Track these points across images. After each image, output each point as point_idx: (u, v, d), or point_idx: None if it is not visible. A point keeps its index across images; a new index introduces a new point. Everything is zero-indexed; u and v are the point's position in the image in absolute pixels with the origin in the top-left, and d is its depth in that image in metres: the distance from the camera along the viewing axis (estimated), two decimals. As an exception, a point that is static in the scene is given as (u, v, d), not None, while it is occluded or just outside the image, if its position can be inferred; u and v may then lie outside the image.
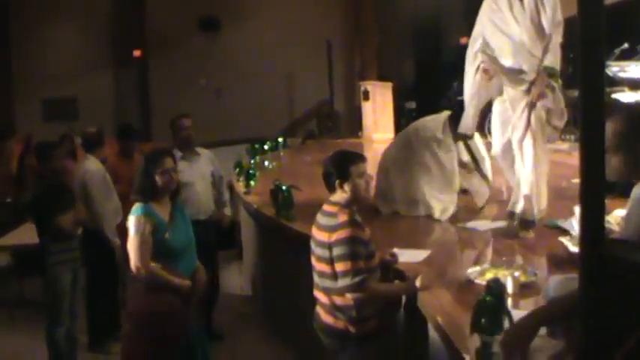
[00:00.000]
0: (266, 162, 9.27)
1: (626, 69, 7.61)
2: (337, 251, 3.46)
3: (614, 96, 7.09)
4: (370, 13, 16.35)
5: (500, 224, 5.09)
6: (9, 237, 7.25)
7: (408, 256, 4.14)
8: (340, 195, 3.62)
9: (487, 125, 5.32)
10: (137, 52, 15.53)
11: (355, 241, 3.46)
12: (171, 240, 3.99)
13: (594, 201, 1.53)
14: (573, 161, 6.56)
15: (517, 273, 3.53)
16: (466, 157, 5.81)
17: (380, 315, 3.63)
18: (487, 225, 5.14)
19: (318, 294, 3.69)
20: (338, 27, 16.54)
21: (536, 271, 3.65)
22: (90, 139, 5.99)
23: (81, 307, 5.67)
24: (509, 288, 3.28)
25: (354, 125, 14.46)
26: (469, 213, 5.54)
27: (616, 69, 7.60)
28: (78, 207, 5.43)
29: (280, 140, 11.33)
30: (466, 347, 2.68)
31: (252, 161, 9.02)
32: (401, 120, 13.01)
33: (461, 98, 5.37)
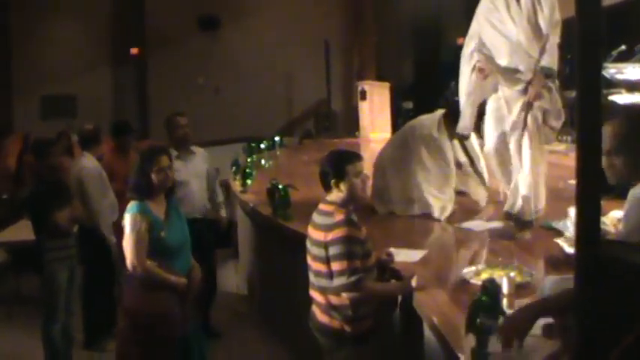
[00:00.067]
0: (263, 161, 9.26)
1: (623, 71, 7.59)
2: (333, 250, 3.46)
3: (611, 98, 7.08)
4: (369, 13, 16.32)
5: (496, 225, 5.09)
6: (6, 233, 7.25)
7: (404, 256, 4.15)
8: (336, 194, 3.61)
9: (482, 125, 5.30)
10: (136, 51, 15.50)
11: (351, 241, 3.46)
12: (167, 238, 3.99)
13: (590, 202, 1.53)
14: (570, 162, 6.55)
15: (513, 273, 3.53)
16: (463, 158, 5.81)
17: (376, 314, 3.64)
18: (483, 225, 5.14)
19: (313, 293, 3.69)
20: (337, 27, 16.52)
21: (532, 272, 3.65)
22: (86, 137, 5.99)
23: (77, 305, 5.67)
24: (504, 288, 3.29)
25: (352, 125, 14.43)
26: (465, 213, 5.55)
27: (613, 71, 7.59)
28: (74, 204, 5.43)
29: (277, 139, 11.32)
30: (461, 347, 2.68)
31: (248, 160, 9.02)
32: (398, 120, 12.99)
33: (458, 98, 5.35)
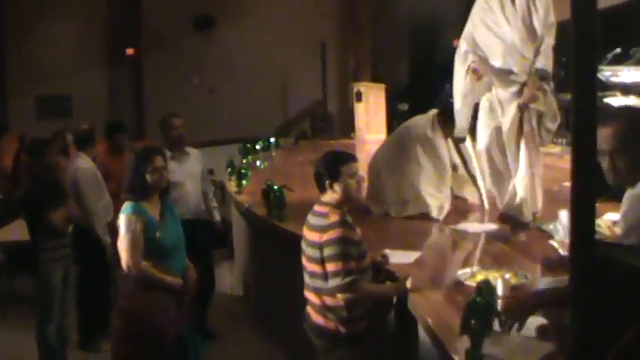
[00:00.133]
0: (258, 162, 9.25)
1: (618, 73, 7.63)
2: (328, 251, 3.46)
3: (606, 100, 7.10)
4: (365, 15, 16.31)
5: (491, 226, 5.10)
6: (0, 233, 7.22)
7: (399, 257, 4.14)
8: (331, 195, 3.61)
9: (475, 125, 5.30)
10: (131, 51, 15.47)
11: (346, 242, 3.46)
12: (161, 238, 3.99)
13: (585, 204, 1.54)
14: (565, 165, 6.57)
15: (508, 275, 3.53)
16: (457, 159, 5.81)
17: (370, 316, 3.63)
18: (478, 227, 5.15)
19: (308, 294, 3.69)
20: (333, 28, 16.51)
21: (527, 274, 3.65)
22: (82, 137, 5.98)
23: (71, 305, 5.65)
24: (499, 290, 3.29)
25: (347, 126, 14.41)
26: (460, 215, 5.55)
27: (608, 73, 7.62)
28: (70, 204, 5.42)
29: (272, 140, 11.31)
30: (456, 348, 2.69)
31: (244, 161, 9.01)
32: (393, 121, 12.97)
33: (452, 99, 5.35)
